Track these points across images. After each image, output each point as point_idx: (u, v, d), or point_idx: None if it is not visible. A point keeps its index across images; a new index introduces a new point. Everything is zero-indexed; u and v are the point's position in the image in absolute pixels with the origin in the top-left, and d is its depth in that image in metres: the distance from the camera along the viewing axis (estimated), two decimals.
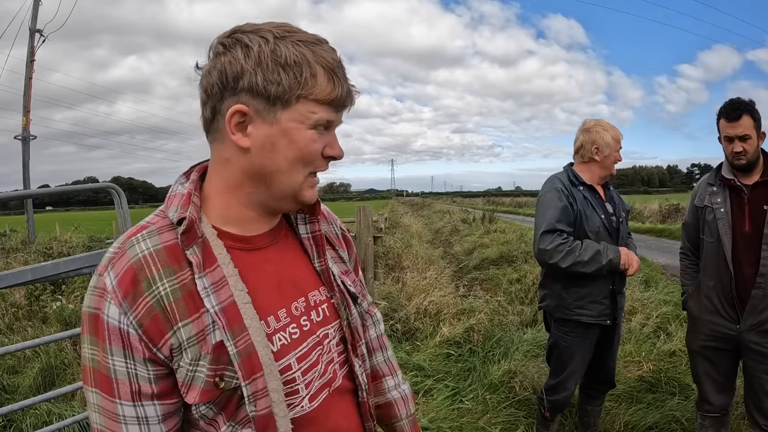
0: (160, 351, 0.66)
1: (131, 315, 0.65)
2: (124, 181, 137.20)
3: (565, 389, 2.34)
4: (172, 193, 0.75)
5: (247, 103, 0.68)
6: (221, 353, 0.68)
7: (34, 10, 15.36)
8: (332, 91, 0.70)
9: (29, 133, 15.62)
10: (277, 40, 0.67)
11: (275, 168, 0.71)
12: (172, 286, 0.67)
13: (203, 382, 0.67)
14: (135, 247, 0.68)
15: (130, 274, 0.66)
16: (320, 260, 0.83)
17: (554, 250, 2.14)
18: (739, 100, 1.99)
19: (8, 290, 4.86)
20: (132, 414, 0.67)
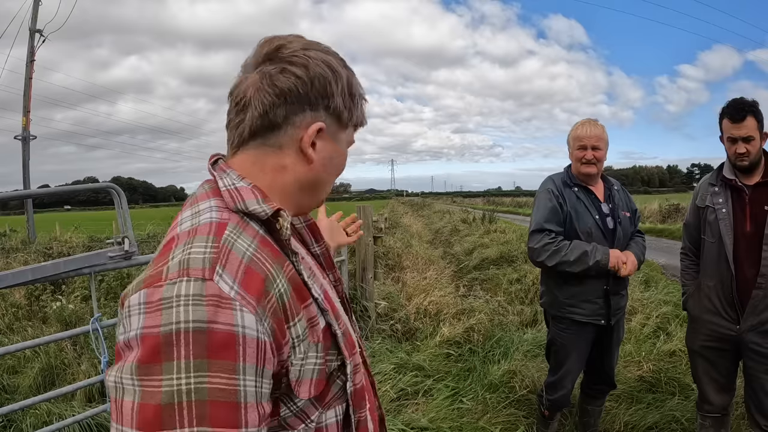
0: (281, 355, 0.60)
1: (266, 322, 0.57)
2: (124, 181, 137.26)
3: (563, 387, 2.35)
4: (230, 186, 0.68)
5: (325, 121, 0.71)
6: (326, 339, 0.68)
7: (34, 10, 15.37)
8: (363, 120, 0.78)
9: (29, 133, 15.63)
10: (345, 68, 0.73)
11: (324, 180, 0.76)
12: (284, 281, 0.63)
13: (316, 373, 0.65)
14: (237, 244, 0.60)
15: (253, 274, 0.59)
16: (319, 244, 0.89)
17: (541, 249, 2.21)
18: (743, 100, 1.98)
19: (8, 290, 4.86)
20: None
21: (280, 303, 0.60)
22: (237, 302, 0.55)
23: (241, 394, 0.53)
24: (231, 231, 0.62)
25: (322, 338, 0.66)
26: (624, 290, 2.34)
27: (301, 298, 0.65)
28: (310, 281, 0.68)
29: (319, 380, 0.65)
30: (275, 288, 0.60)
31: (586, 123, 2.27)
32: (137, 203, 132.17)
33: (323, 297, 0.69)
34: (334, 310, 0.71)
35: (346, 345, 0.70)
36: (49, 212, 77.93)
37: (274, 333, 0.58)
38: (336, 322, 0.70)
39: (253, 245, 0.62)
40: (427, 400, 3.01)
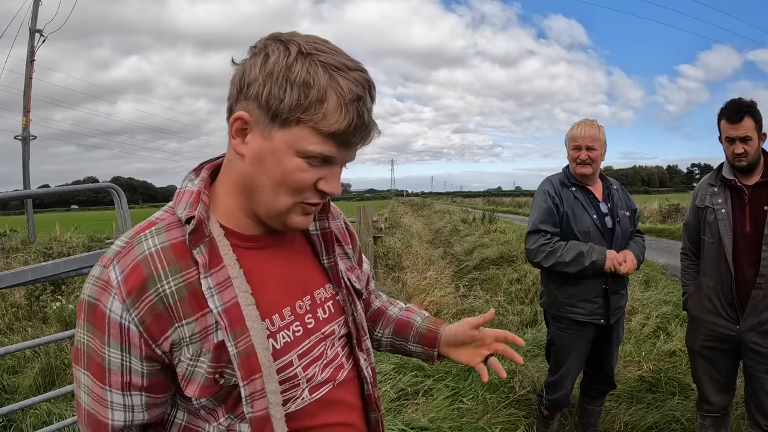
0: (159, 347, 0.68)
1: (134, 312, 0.66)
2: (124, 181, 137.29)
3: (563, 387, 2.35)
4: (181, 189, 0.74)
5: (251, 112, 0.66)
6: (222, 352, 0.68)
7: (34, 10, 15.37)
8: (336, 123, 0.64)
9: (29, 133, 15.63)
10: (299, 55, 0.64)
11: (260, 184, 0.70)
12: (177, 284, 0.67)
13: (203, 378, 0.69)
14: (143, 244, 0.68)
15: (137, 271, 0.66)
16: (329, 257, 0.84)
17: (537, 250, 2.22)
18: (741, 101, 1.98)
19: (8, 290, 4.86)
20: (119, 401, 0.70)
21: (161, 301, 0.66)
22: (114, 290, 0.66)
23: (106, 360, 0.67)
24: (152, 230, 0.70)
25: (213, 349, 0.68)
26: (623, 290, 2.34)
27: (197, 305, 0.68)
28: (210, 292, 0.68)
29: (205, 386, 0.69)
30: (156, 288, 0.66)
31: (582, 123, 2.27)
32: (137, 203, 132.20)
33: (223, 311, 0.68)
34: (234, 327, 0.68)
35: (241, 367, 0.68)
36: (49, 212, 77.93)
37: (144, 323, 0.66)
38: (234, 340, 0.68)
39: (159, 246, 0.68)
40: (427, 400, 3.01)
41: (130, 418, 0.71)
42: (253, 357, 0.69)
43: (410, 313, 1.05)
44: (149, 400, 0.72)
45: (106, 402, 0.70)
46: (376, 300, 1.08)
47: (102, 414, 0.70)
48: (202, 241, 0.69)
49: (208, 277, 0.68)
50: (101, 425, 0.71)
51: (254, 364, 0.69)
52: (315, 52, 0.65)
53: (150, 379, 0.70)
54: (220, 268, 0.70)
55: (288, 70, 0.63)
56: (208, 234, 0.70)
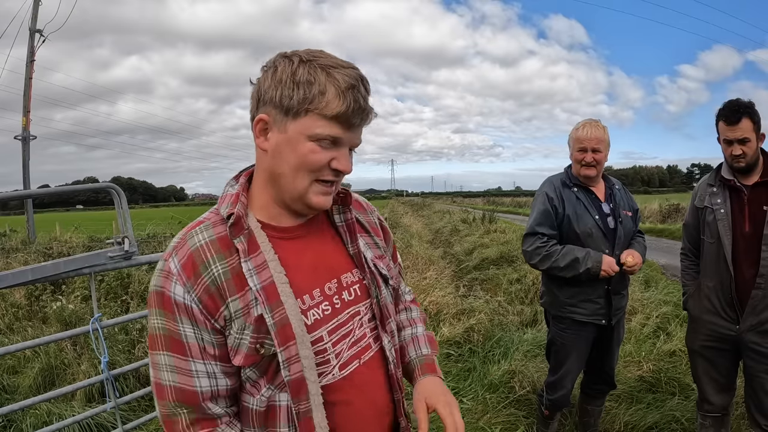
0: (216, 321, 0.82)
1: (193, 293, 0.80)
2: (124, 181, 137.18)
3: (563, 387, 2.35)
4: (223, 194, 0.89)
5: (269, 113, 0.82)
6: (261, 324, 0.81)
7: (34, 10, 15.37)
8: (337, 107, 0.79)
9: (29, 133, 15.62)
10: (301, 63, 0.80)
11: (281, 171, 0.84)
12: (223, 268, 0.82)
13: (247, 348, 0.82)
14: (194, 238, 0.83)
15: (191, 260, 0.81)
16: (353, 245, 0.95)
17: (533, 253, 2.23)
18: (739, 102, 1.97)
19: (8, 290, 4.86)
20: (202, 369, 0.82)
21: (213, 282, 0.81)
22: (175, 277, 0.81)
23: (183, 335, 0.81)
24: (201, 227, 0.85)
25: (254, 322, 0.81)
26: (625, 290, 2.34)
27: (240, 285, 0.82)
28: (249, 273, 0.82)
29: (249, 355, 0.82)
30: (208, 272, 0.81)
31: (587, 124, 2.24)
32: (137, 203, 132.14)
33: (261, 289, 0.82)
34: (270, 302, 0.81)
35: (277, 335, 0.81)
36: (49, 212, 77.89)
37: (202, 302, 0.80)
38: (271, 312, 0.81)
39: (206, 240, 0.83)
40: None
41: (214, 384, 0.83)
42: (288, 326, 0.82)
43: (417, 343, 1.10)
44: (224, 369, 0.84)
45: (192, 372, 0.82)
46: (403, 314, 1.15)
47: (189, 384, 0.82)
48: (241, 233, 0.83)
49: (247, 261, 0.82)
50: (191, 394, 0.82)
51: (289, 333, 0.82)
52: (313, 58, 0.80)
53: (219, 349, 0.83)
54: (258, 253, 0.83)
55: (293, 74, 0.79)
56: (246, 227, 0.84)
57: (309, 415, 0.83)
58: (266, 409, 0.85)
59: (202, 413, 0.83)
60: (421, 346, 1.09)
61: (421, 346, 1.09)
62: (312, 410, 0.83)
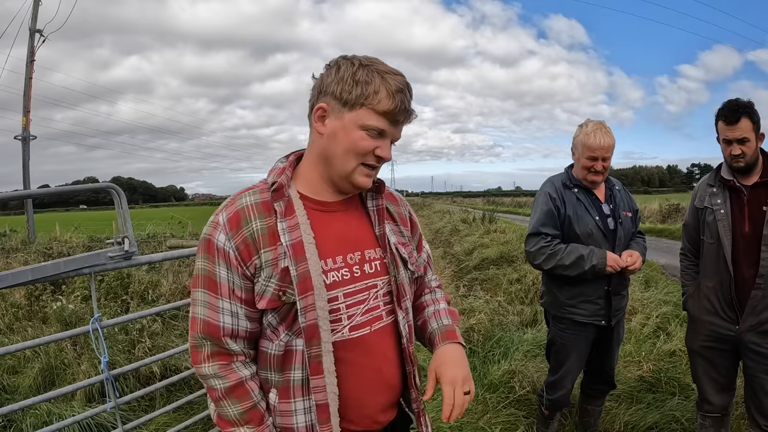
0: (248, 268, 0.97)
1: (232, 241, 0.96)
2: (124, 181, 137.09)
3: (563, 387, 2.35)
4: (273, 168, 1.04)
5: (328, 103, 0.98)
6: (286, 275, 0.96)
7: (34, 10, 15.36)
8: (387, 107, 0.96)
9: (29, 133, 15.61)
10: (361, 65, 0.96)
11: (333, 153, 0.99)
12: (262, 225, 0.97)
13: (271, 294, 0.96)
14: (242, 199, 0.99)
15: (236, 215, 0.98)
16: (380, 227, 1.09)
17: (537, 253, 2.22)
18: (738, 102, 1.97)
19: (8, 290, 4.86)
20: (228, 308, 0.98)
21: (251, 235, 0.96)
22: (221, 226, 0.98)
23: (217, 275, 0.98)
24: (250, 192, 1.00)
25: (281, 272, 0.96)
26: (625, 291, 2.34)
27: (273, 240, 0.97)
28: (283, 231, 0.97)
29: (271, 299, 0.96)
30: (248, 226, 0.97)
31: (598, 131, 2.15)
32: (137, 203, 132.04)
33: (291, 245, 0.96)
34: (297, 256, 0.95)
35: (298, 285, 0.95)
36: (49, 212, 77.85)
37: (239, 250, 0.96)
38: (296, 265, 0.95)
39: (253, 201, 0.99)
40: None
41: (236, 323, 0.98)
42: (308, 279, 0.95)
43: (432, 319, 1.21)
44: (247, 312, 0.99)
45: (218, 308, 0.97)
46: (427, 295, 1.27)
47: (214, 319, 0.98)
48: (281, 199, 0.99)
49: (282, 222, 0.97)
50: (214, 327, 0.98)
51: (308, 284, 0.95)
52: (371, 63, 0.97)
53: (246, 294, 0.98)
54: (292, 217, 0.98)
55: (354, 74, 0.95)
56: (287, 195, 1.00)
57: (319, 360, 0.96)
58: (284, 353, 0.99)
59: (222, 347, 0.98)
60: (442, 317, 1.21)
61: (442, 318, 1.21)
62: (322, 355, 0.96)
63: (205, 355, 0.99)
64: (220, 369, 0.98)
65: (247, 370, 1.01)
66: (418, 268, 1.19)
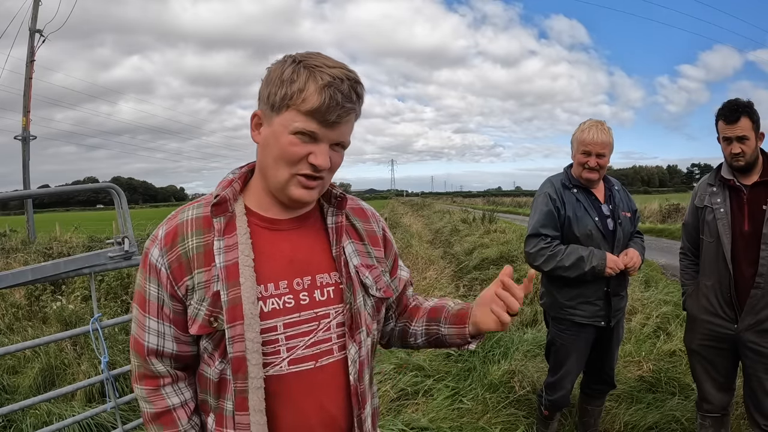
0: (179, 289, 0.88)
1: (165, 258, 0.89)
2: (124, 181, 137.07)
3: (562, 387, 2.35)
4: (223, 179, 0.96)
5: (262, 110, 0.89)
6: (217, 299, 0.86)
7: (34, 10, 15.37)
8: (313, 104, 0.82)
9: (29, 133, 15.61)
10: (292, 63, 0.85)
11: (266, 163, 0.89)
12: (198, 243, 0.89)
13: (202, 319, 0.87)
14: (184, 213, 0.92)
15: (174, 230, 0.90)
16: (337, 247, 0.96)
17: (537, 254, 2.21)
18: (737, 101, 1.98)
19: (8, 290, 4.86)
20: (154, 327, 0.91)
21: (185, 253, 0.88)
22: (157, 241, 0.90)
23: (147, 292, 0.91)
24: (195, 205, 0.93)
25: (212, 296, 0.87)
26: (624, 291, 2.34)
27: (208, 260, 0.88)
28: (218, 251, 0.88)
29: (202, 325, 0.87)
30: (183, 243, 0.89)
31: (593, 127, 2.17)
32: (137, 203, 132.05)
33: (224, 267, 0.87)
34: (229, 280, 0.86)
35: (228, 312, 0.85)
36: (49, 212, 77.87)
37: (171, 268, 0.88)
38: (227, 290, 0.86)
39: (194, 215, 0.91)
40: (427, 400, 3.01)
41: (161, 344, 0.91)
42: (239, 307, 0.85)
43: (444, 300, 1.12)
44: (175, 333, 0.91)
45: (145, 327, 0.91)
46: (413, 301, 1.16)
47: (141, 337, 0.92)
48: (222, 214, 0.90)
49: (220, 240, 0.88)
50: (139, 345, 0.92)
51: (238, 313, 0.85)
52: (303, 59, 0.85)
53: (175, 315, 0.90)
54: (232, 235, 0.89)
55: (281, 74, 0.84)
56: (231, 210, 0.91)
57: (244, 395, 0.86)
58: (218, 381, 0.90)
59: (147, 367, 0.93)
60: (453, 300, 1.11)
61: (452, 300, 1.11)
62: (248, 391, 0.86)
63: (136, 376, 0.94)
64: (148, 393, 0.93)
65: (177, 397, 0.93)
66: (388, 292, 1.01)
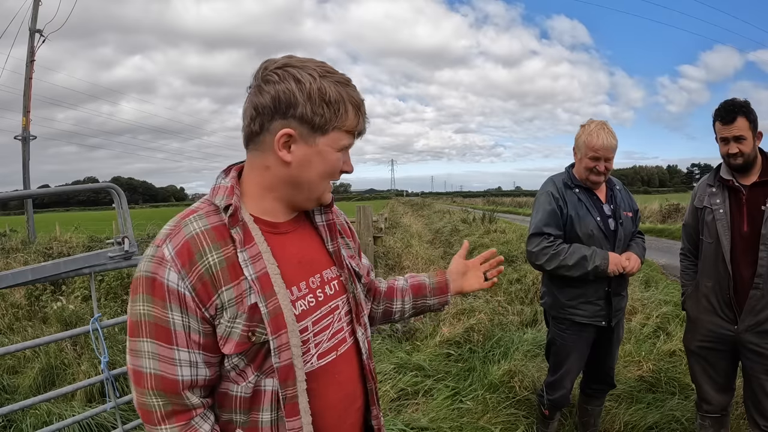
0: (207, 310, 0.83)
1: (187, 280, 0.82)
2: (123, 181, 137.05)
3: (563, 387, 2.35)
4: (216, 185, 0.92)
5: (295, 128, 0.86)
6: (255, 312, 0.84)
7: (34, 10, 15.35)
8: (357, 125, 0.90)
9: (29, 133, 15.60)
10: (321, 78, 0.85)
11: (308, 179, 0.90)
12: (219, 257, 0.84)
13: (238, 336, 0.84)
14: (189, 226, 0.85)
15: (186, 247, 0.83)
16: (333, 243, 1.01)
17: (539, 253, 2.19)
18: (734, 101, 1.98)
19: (8, 290, 4.86)
20: (186, 358, 0.84)
21: (207, 271, 0.83)
22: (169, 263, 0.82)
23: (171, 322, 0.82)
24: (194, 216, 0.87)
25: (248, 310, 0.84)
26: (624, 291, 2.34)
27: (234, 274, 0.84)
28: (245, 263, 0.85)
29: (240, 342, 0.84)
30: (203, 260, 0.83)
31: (602, 131, 2.14)
32: (137, 203, 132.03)
33: (257, 278, 0.85)
34: (265, 291, 0.85)
35: (271, 323, 0.85)
36: (49, 212, 77.86)
37: (196, 290, 0.82)
38: (265, 301, 0.84)
39: (202, 228, 0.85)
40: (427, 400, 3.01)
41: (195, 374, 0.84)
42: (280, 315, 0.85)
43: (417, 277, 1.29)
44: (206, 359, 0.86)
45: (175, 361, 0.83)
46: (381, 284, 1.26)
47: (171, 372, 0.83)
48: (237, 224, 0.87)
49: (243, 252, 0.85)
50: (171, 383, 0.83)
51: (281, 321, 0.85)
52: (327, 74, 0.86)
53: (205, 339, 0.84)
54: (252, 245, 0.87)
55: (321, 92, 0.84)
56: (241, 219, 0.88)
57: (295, 400, 0.87)
58: (251, 395, 0.88)
59: (180, 403, 0.84)
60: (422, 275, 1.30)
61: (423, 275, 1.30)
62: (298, 395, 0.87)
63: (160, 416, 0.84)
64: (181, 430, 0.85)
65: (207, 423, 0.88)
66: (368, 278, 1.15)
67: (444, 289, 1.26)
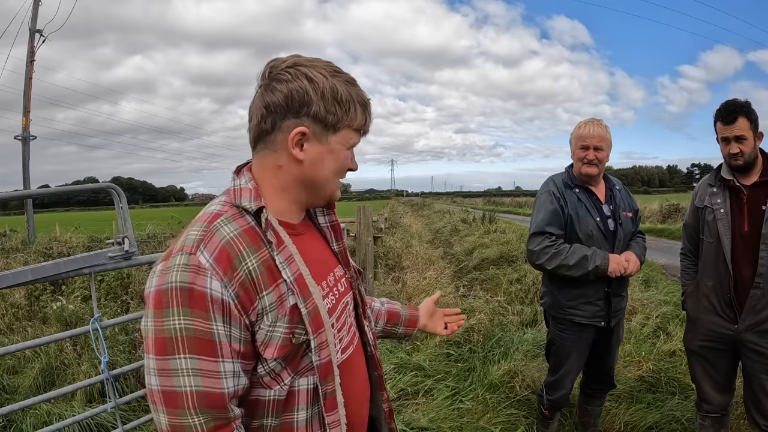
0: (248, 317, 0.81)
1: (230, 288, 0.78)
2: (123, 181, 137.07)
3: (563, 387, 2.35)
4: (236, 187, 0.89)
5: (309, 126, 0.86)
6: (295, 314, 0.84)
7: (34, 10, 15.35)
8: (364, 123, 0.92)
9: (29, 133, 15.60)
10: (332, 77, 0.86)
11: (322, 178, 0.91)
12: (257, 261, 0.82)
13: (280, 339, 0.83)
14: (221, 230, 0.81)
15: (224, 253, 0.79)
16: (338, 243, 1.04)
17: (540, 252, 2.19)
18: (735, 101, 1.99)
19: (8, 290, 4.86)
20: (230, 369, 0.79)
21: (247, 276, 0.80)
22: (209, 271, 0.77)
23: (215, 334, 0.77)
24: (222, 220, 0.83)
25: (288, 312, 0.84)
26: (624, 291, 2.34)
27: (272, 278, 0.83)
28: (282, 266, 0.84)
29: (282, 345, 0.83)
30: (242, 265, 0.80)
31: (590, 122, 2.22)
32: (137, 203, 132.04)
33: (294, 280, 0.85)
34: (303, 292, 0.85)
35: (311, 323, 0.85)
36: (49, 212, 77.85)
37: (239, 297, 0.79)
38: (304, 302, 0.85)
39: (235, 232, 0.82)
40: (427, 400, 3.01)
41: (237, 383, 0.81)
42: (318, 315, 0.87)
43: (393, 304, 1.36)
44: (244, 366, 0.82)
45: (220, 374, 0.78)
46: None
47: (217, 387, 0.77)
48: (270, 227, 0.85)
49: (279, 254, 0.85)
50: (218, 397, 0.77)
51: (319, 321, 0.87)
52: (336, 74, 0.87)
53: (245, 347, 0.81)
54: (284, 247, 0.87)
55: (333, 91, 0.86)
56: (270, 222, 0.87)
57: (334, 395, 0.90)
58: (286, 397, 0.87)
59: (223, 417, 0.78)
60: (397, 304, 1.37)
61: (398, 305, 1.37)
62: (336, 390, 0.90)
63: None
64: None
65: None
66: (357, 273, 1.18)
67: (414, 322, 1.35)
